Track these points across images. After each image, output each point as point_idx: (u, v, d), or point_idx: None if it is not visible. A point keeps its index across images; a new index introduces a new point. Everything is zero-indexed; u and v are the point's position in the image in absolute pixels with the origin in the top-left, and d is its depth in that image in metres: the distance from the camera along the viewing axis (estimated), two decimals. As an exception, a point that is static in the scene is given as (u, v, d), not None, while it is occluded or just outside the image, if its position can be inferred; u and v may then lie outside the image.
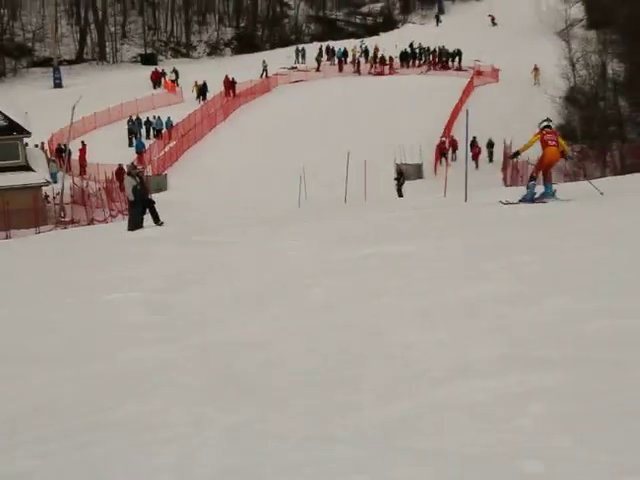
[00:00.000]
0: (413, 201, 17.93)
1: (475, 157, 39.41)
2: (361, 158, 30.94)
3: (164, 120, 46.43)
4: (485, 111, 43.99)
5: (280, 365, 4.91)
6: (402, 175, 28.69)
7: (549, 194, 13.71)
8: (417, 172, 37.46)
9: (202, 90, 51.70)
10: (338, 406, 4.12)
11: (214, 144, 44.01)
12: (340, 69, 58.51)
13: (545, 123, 14.15)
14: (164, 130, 46.09)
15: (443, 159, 39.52)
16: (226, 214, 22.23)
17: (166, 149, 43.09)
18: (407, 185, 28.43)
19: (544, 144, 13.83)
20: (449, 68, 58.68)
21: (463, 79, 53.61)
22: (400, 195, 26.87)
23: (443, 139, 41.05)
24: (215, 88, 51.26)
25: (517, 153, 14.70)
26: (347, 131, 42.69)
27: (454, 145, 40.10)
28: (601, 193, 13.73)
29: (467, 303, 5.89)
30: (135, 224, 16.58)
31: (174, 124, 46.08)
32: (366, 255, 8.41)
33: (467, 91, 50.72)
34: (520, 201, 13.63)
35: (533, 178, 13.97)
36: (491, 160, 41.04)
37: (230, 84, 52.22)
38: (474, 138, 38.53)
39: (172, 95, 52.88)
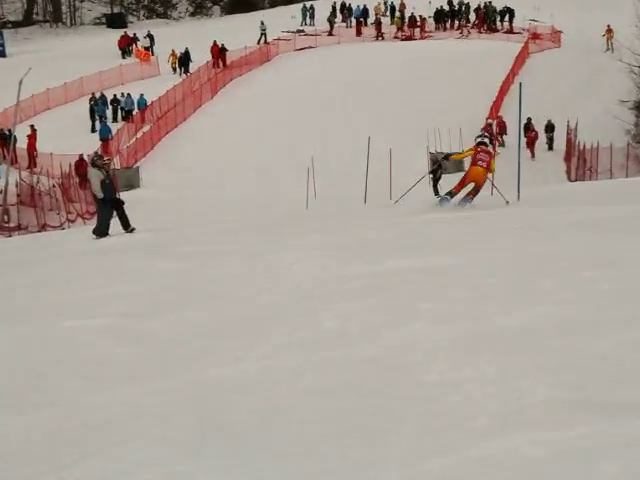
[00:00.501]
0: (454, 200, 17.32)
1: (530, 144, 39.38)
2: (386, 146, 31.10)
3: (135, 98, 46.37)
4: (543, 85, 44.10)
5: (281, 412, 4.92)
6: (439, 167, 28.37)
7: (466, 203, 16.01)
8: (457, 163, 37.09)
9: (183, 60, 51.85)
10: (356, 464, 4.10)
11: (199, 129, 43.87)
12: (358, 33, 58.66)
13: (479, 139, 16.83)
14: (135, 111, 46.08)
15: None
16: (214, 217, 22.41)
17: (138, 135, 42.90)
18: (445, 180, 28.11)
19: (473, 161, 16.39)
20: (497, 30, 58.75)
21: (515, 44, 53.59)
22: (436, 193, 26.11)
23: (490, 121, 40.99)
24: (200, 58, 51.37)
25: (448, 156, 18.13)
26: (367, 112, 42.67)
27: (503, 129, 40.06)
28: (507, 202, 15.92)
29: (520, 331, 5.93)
30: (104, 229, 16.60)
31: (148, 103, 46.03)
32: (391, 270, 8.53)
33: (520, 59, 50.71)
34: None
35: (451, 194, 16.23)
36: (551, 148, 41.02)
37: (219, 52, 52.39)
38: (529, 120, 38.44)
39: (146, 66, 52.79)
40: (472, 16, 59.96)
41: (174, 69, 51.70)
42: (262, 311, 7.48)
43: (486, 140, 16.92)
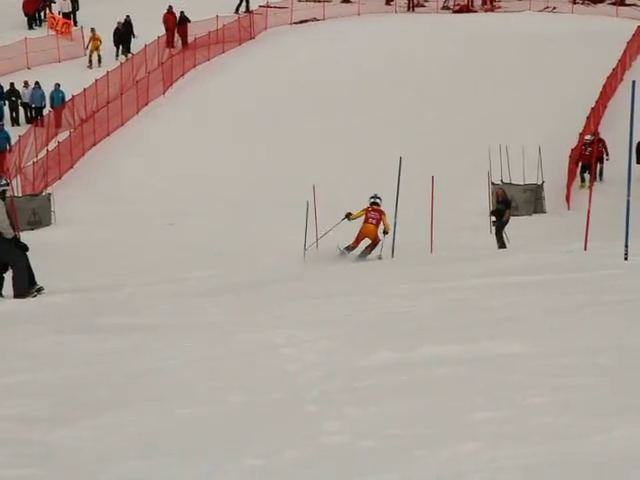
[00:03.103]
0: (525, 256, 17.13)
1: None
2: (424, 172, 27.07)
3: (48, 91, 39.75)
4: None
5: None
6: (507, 206, 24.91)
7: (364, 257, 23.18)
8: (533, 200, 32.54)
9: (121, 35, 44.28)
10: None
11: (144, 139, 38.04)
12: (388, 0, 51.73)
13: (372, 200, 23.41)
14: (47, 109, 39.58)
15: (585, 175, 33.95)
16: (165, 273, 20.41)
17: (51, 146, 36.69)
18: (513, 224, 24.85)
19: (365, 219, 23.24)
20: (602, 0, 51.92)
21: (628, 22, 47.06)
22: (501, 244, 23.79)
23: (586, 138, 34.63)
24: (148, 31, 43.48)
25: (349, 215, 23.62)
26: (398, 121, 37.59)
27: (604, 150, 34.02)
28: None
29: (629, 461, 4.74)
30: (26, 283, 14.81)
31: (67, 99, 39.44)
32: (429, 359, 7.67)
33: (635, 45, 44.37)
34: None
35: (349, 248, 23.12)
36: (681, 182, 35.12)
37: (177, 24, 45.46)
38: (646, 139, 33.62)
39: (65, 43, 45.10)
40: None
41: (91, 60, 44.32)
42: (229, 418, 6.54)
43: (378, 201, 23.32)
